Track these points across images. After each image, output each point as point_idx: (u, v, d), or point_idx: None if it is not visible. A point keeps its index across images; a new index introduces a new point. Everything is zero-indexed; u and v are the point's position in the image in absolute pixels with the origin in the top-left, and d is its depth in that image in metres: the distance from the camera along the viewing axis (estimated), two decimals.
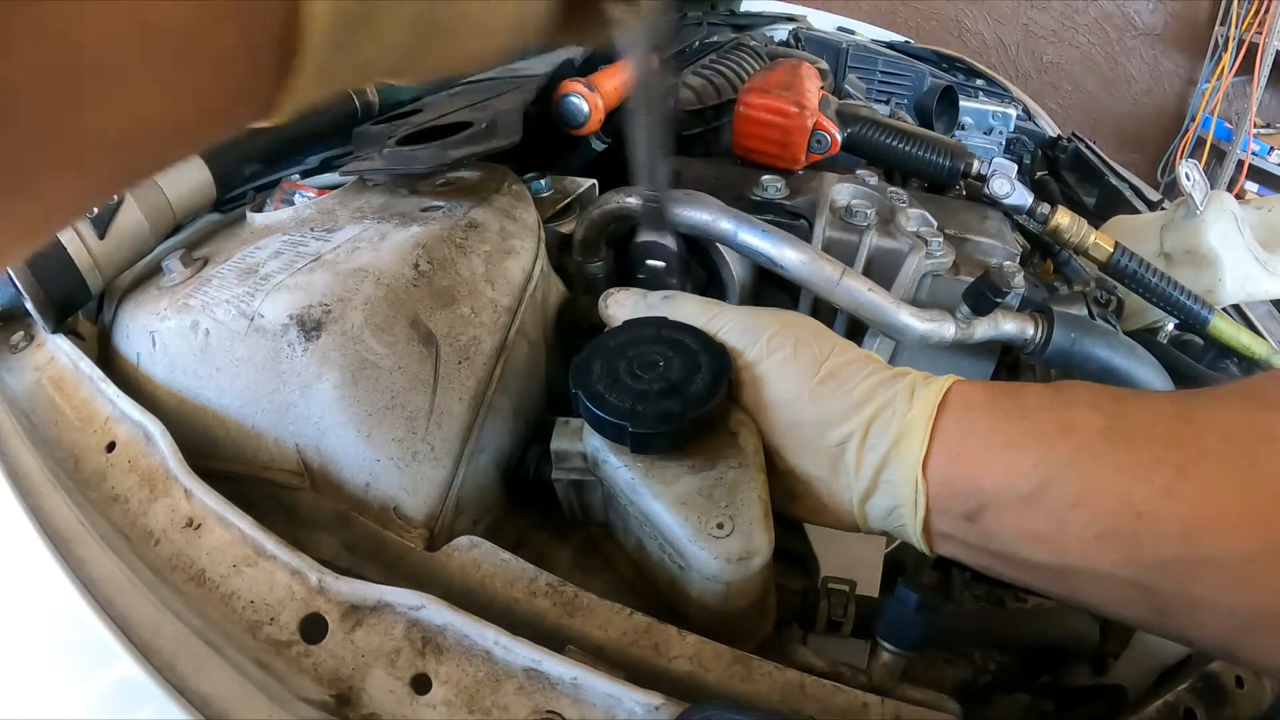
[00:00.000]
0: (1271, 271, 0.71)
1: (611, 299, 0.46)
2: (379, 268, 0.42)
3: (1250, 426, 0.28)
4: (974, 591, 0.58)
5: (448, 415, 0.40)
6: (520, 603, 0.35)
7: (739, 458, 0.37)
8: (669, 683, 0.33)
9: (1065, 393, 0.33)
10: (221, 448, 0.40)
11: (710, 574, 0.34)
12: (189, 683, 0.30)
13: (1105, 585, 0.30)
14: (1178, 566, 0.28)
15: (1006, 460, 0.32)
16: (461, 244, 0.45)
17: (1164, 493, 0.28)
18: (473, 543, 0.37)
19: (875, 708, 0.32)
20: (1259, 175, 2.99)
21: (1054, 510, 0.31)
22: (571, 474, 0.41)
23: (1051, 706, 0.49)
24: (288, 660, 0.32)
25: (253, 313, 0.40)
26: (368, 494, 0.39)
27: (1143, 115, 3.33)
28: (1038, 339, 0.52)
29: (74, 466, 0.40)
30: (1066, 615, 0.47)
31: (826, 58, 0.94)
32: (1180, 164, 0.70)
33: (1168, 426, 0.30)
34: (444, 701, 0.31)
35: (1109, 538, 0.29)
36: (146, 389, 0.43)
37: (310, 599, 0.33)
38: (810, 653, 0.39)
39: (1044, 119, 1.34)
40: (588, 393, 0.37)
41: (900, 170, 0.69)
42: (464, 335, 0.42)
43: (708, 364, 0.38)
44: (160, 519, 0.36)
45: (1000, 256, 0.57)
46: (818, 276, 0.49)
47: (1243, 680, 0.39)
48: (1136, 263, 0.63)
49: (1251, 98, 2.91)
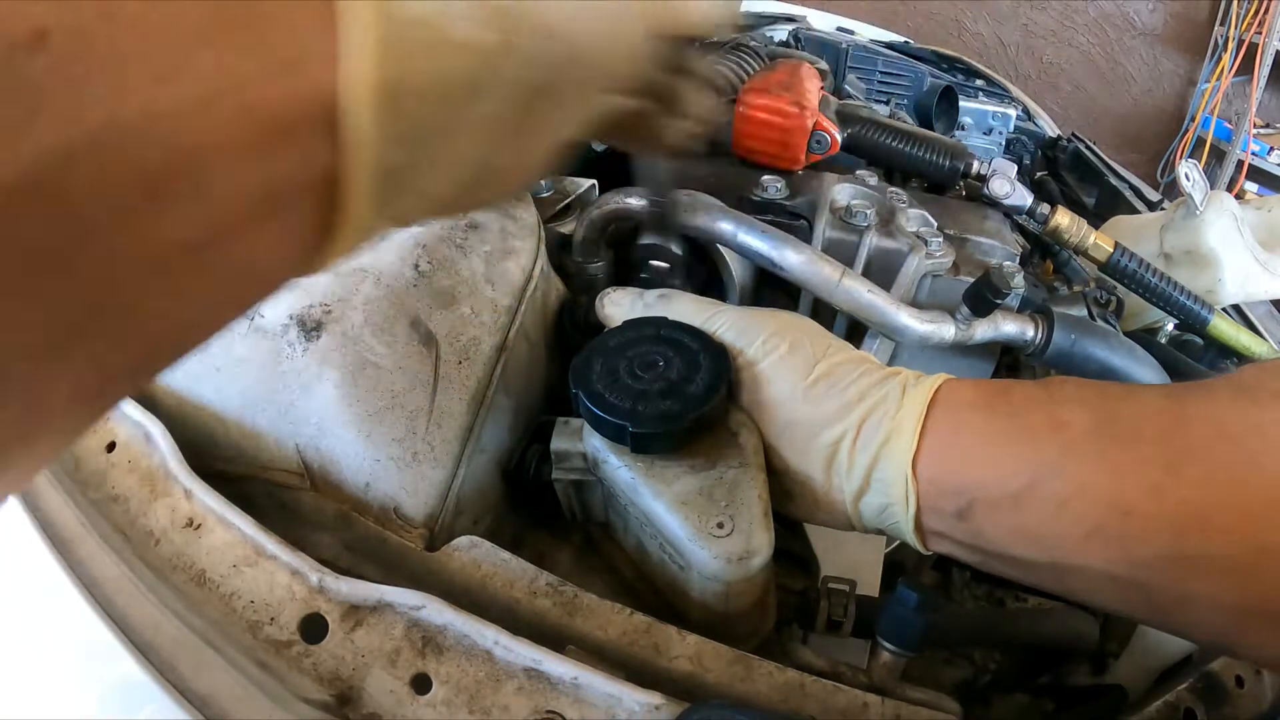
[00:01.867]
0: (1271, 271, 0.71)
1: (608, 299, 0.46)
2: (379, 267, 0.42)
3: (1241, 421, 0.28)
4: (974, 591, 0.58)
5: (448, 415, 0.40)
6: (520, 603, 0.35)
7: (739, 457, 0.37)
8: (669, 683, 0.33)
9: (1054, 390, 0.33)
10: (221, 448, 0.40)
11: (710, 574, 0.34)
12: (189, 682, 0.30)
13: (1098, 582, 0.30)
14: (1169, 564, 0.28)
15: (994, 458, 0.32)
16: (461, 244, 0.45)
17: (1153, 490, 0.28)
18: (473, 543, 0.37)
19: (875, 708, 0.32)
20: (1259, 175, 2.99)
21: (1043, 508, 0.30)
22: (571, 474, 0.41)
23: (1051, 706, 0.49)
24: (288, 660, 0.32)
25: (253, 312, 0.40)
26: (368, 494, 0.39)
27: (1142, 115, 3.33)
28: (1038, 340, 0.52)
29: (74, 466, 0.40)
30: (1066, 615, 0.47)
31: (826, 58, 0.94)
32: (1180, 164, 0.70)
33: (1157, 423, 0.30)
34: (444, 701, 0.31)
35: (1099, 536, 0.29)
36: (146, 389, 0.43)
37: (310, 599, 0.33)
38: (810, 653, 0.39)
39: (1044, 119, 1.35)
40: (588, 393, 0.37)
41: (900, 170, 0.69)
42: (464, 335, 0.42)
43: (708, 364, 0.38)
44: (160, 519, 0.36)
45: (1000, 257, 0.57)
46: (817, 277, 0.49)
47: (1243, 680, 0.39)
48: (1136, 263, 0.63)
49: (1251, 98, 2.92)
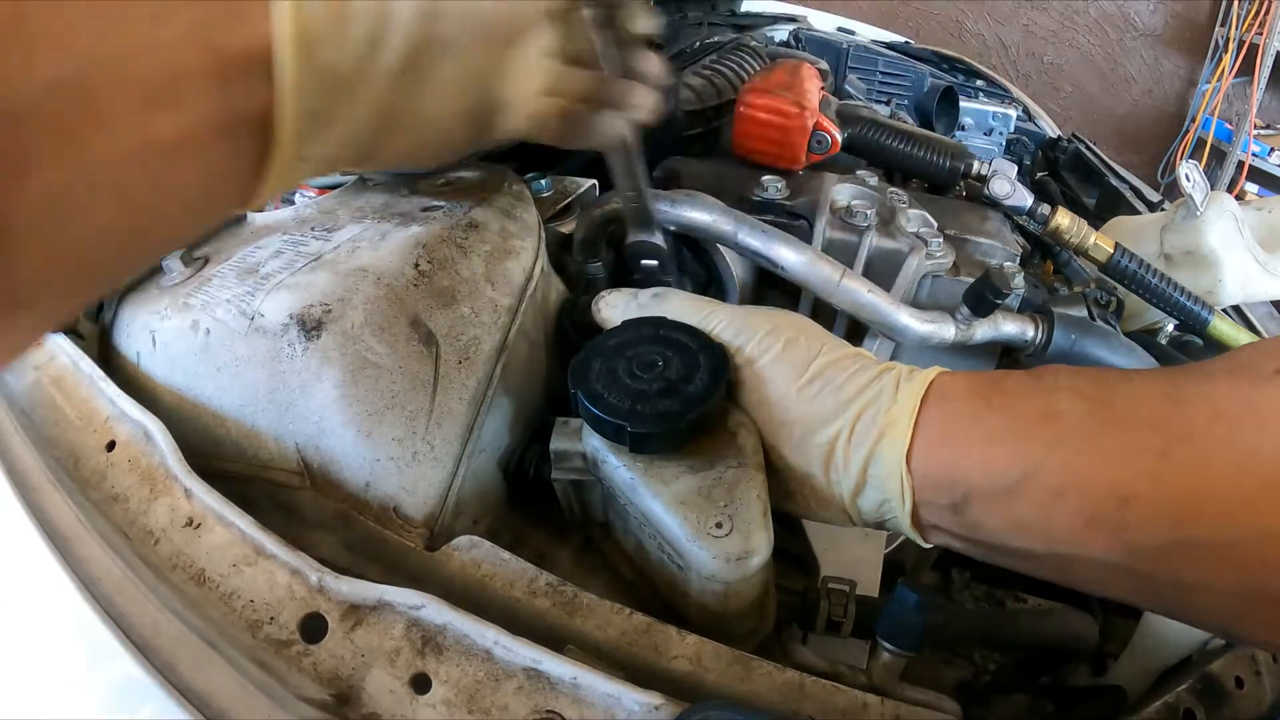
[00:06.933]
0: (1271, 272, 0.71)
1: (603, 301, 0.46)
2: (379, 267, 0.42)
3: (1238, 403, 0.28)
4: (974, 592, 0.58)
5: (448, 415, 0.40)
6: (520, 602, 0.35)
7: (738, 457, 0.37)
8: (669, 683, 0.33)
9: (1047, 379, 0.33)
10: (221, 447, 0.40)
11: (709, 574, 0.34)
12: (189, 682, 0.30)
13: (1098, 570, 0.30)
14: (1168, 550, 0.28)
15: (988, 451, 0.32)
16: (462, 244, 0.45)
17: (1149, 477, 0.28)
18: (473, 542, 0.37)
19: (875, 708, 0.32)
20: (1259, 176, 2.99)
21: (1039, 499, 0.30)
22: (571, 474, 0.41)
23: (1051, 707, 0.49)
24: (287, 660, 0.32)
25: (253, 312, 0.40)
26: (368, 493, 0.39)
27: (1143, 116, 3.33)
28: (1038, 340, 0.52)
29: (74, 465, 0.40)
30: (1066, 616, 0.47)
31: (827, 58, 0.94)
32: (1180, 165, 0.70)
33: (1152, 408, 0.29)
34: (444, 701, 0.31)
35: (1096, 524, 0.29)
36: (146, 388, 0.43)
37: (310, 598, 0.33)
38: (810, 653, 0.39)
39: (1044, 120, 1.35)
40: (587, 393, 0.37)
41: (900, 171, 0.69)
42: (464, 335, 0.42)
43: (706, 363, 0.38)
44: (160, 518, 0.36)
45: (1000, 257, 0.57)
46: (818, 277, 0.49)
47: (1242, 681, 0.39)
48: (1136, 263, 0.63)
49: (1252, 99, 2.91)
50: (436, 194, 0.51)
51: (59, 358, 0.45)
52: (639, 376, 0.38)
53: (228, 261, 0.45)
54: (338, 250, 0.44)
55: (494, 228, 0.48)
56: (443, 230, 0.45)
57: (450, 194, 0.50)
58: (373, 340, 0.40)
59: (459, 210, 0.48)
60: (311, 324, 0.39)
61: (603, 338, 0.41)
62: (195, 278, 0.45)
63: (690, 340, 0.39)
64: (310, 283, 0.41)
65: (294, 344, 0.39)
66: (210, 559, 0.35)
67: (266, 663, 0.31)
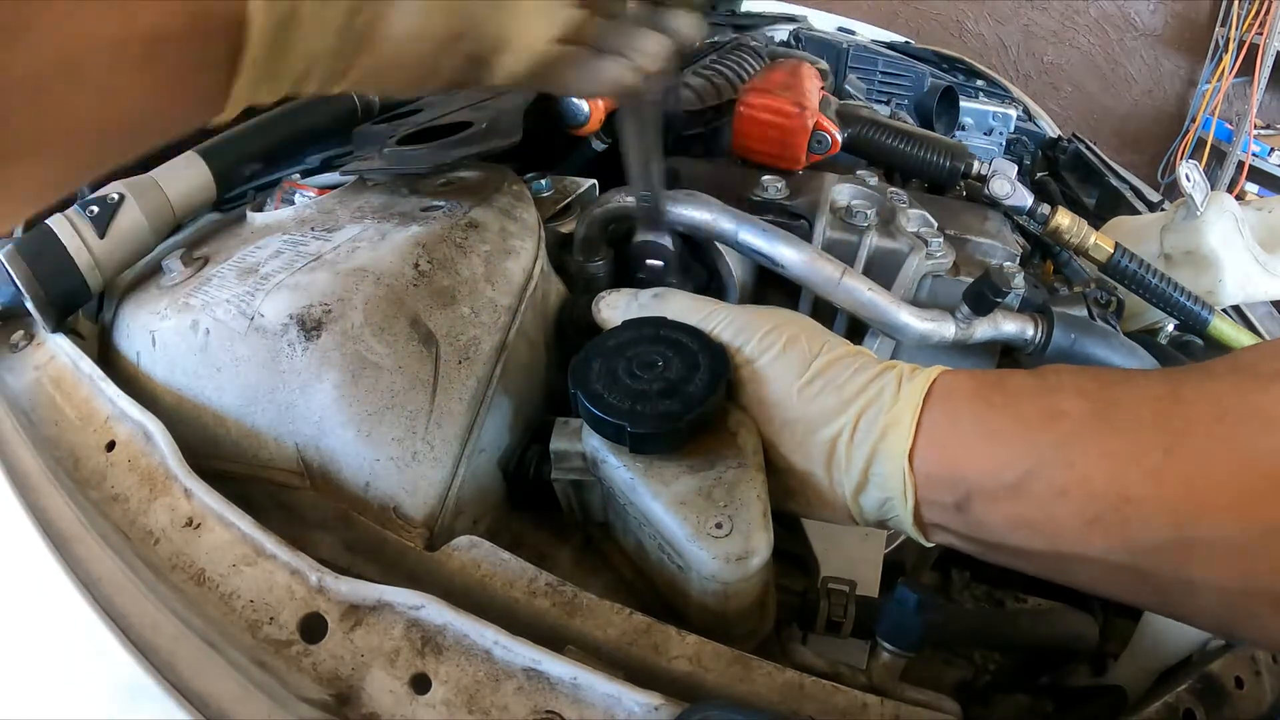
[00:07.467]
0: (1271, 272, 0.71)
1: (603, 301, 0.46)
2: (379, 267, 0.42)
3: (1241, 404, 0.28)
4: (974, 592, 0.58)
5: (448, 415, 0.40)
6: (520, 603, 0.35)
7: (738, 457, 0.37)
8: (668, 683, 0.33)
9: (1050, 378, 0.33)
10: (221, 447, 0.40)
11: (709, 574, 0.34)
12: (188, 682, 0.30)
13: (1100, 570, 0.30)
14: (1170, 549, 0.28)
15: (991, 450, 0.32)
16: (462, 244, 0.45)
17: (1152, 476, 0.28)
18: (472, 542, 0.37)
19: (875, 708, 0.32)
20: (1259, 176, 2.99)
21: (1042, 498, 0.30)
22: (571, 474, 0.41)
23: (1051, 707, 0.49)
24: (287, 660, 0.32)
25: (253, 312, 0.40)
26: (367, 493, 0.39)
27: (1143, 116, 3.33)
28: (1037, 339, 0.52)
29: (74, 466, 0.40)
30: (1066, 615, 0.47)
31: (827, 58, 0.94)
32: (1180, 165, 0.70)
33: (1155, 408, 0.29)
34: (443, 701, 0.31)
35: (1099, 524, 0.29)
36: (146, 388, 0.43)
37: (310, 598, 0.33)
38: (810, 653, 0.39)
39: (1044, 120, 1.35)
40: (587, 393, 0.37)
41: (900, 170, 0.69)
42: (464, 335, 0.42)
43: (706, 363, 0.38)
44: (160, 518, 0.36)
45: (1000, 257, 0.57)
46: (818, 276, 0.49)
47: (1242, 681, 0.39)
48: (1136, 263, 0.63)
49: (1252, 99, 2.91)
50: (436, 194, 0.51)
51: (59, 358, 0.45)
52: (639, 377, 0.38)
53: (227, 261, 0.45)
54: (337, 250, 0.44)
55: (494, 228, 0.48)
56: (442, 230, 0.45)
57: (450, 194, 0.50)
58: (372, 340, 0.40)
59: (459, 210, 0.48)
60: (311, 324, 0.39)
61: (603, 338, 0.41)
62: (195, 278, 0.45)
63: (690, 340, 0.39)
64: (310, 283, 0.41)
65: (294, 344, 0.39)
66: (210, 559, 0.35)
67: (266, 663, 0.31)
